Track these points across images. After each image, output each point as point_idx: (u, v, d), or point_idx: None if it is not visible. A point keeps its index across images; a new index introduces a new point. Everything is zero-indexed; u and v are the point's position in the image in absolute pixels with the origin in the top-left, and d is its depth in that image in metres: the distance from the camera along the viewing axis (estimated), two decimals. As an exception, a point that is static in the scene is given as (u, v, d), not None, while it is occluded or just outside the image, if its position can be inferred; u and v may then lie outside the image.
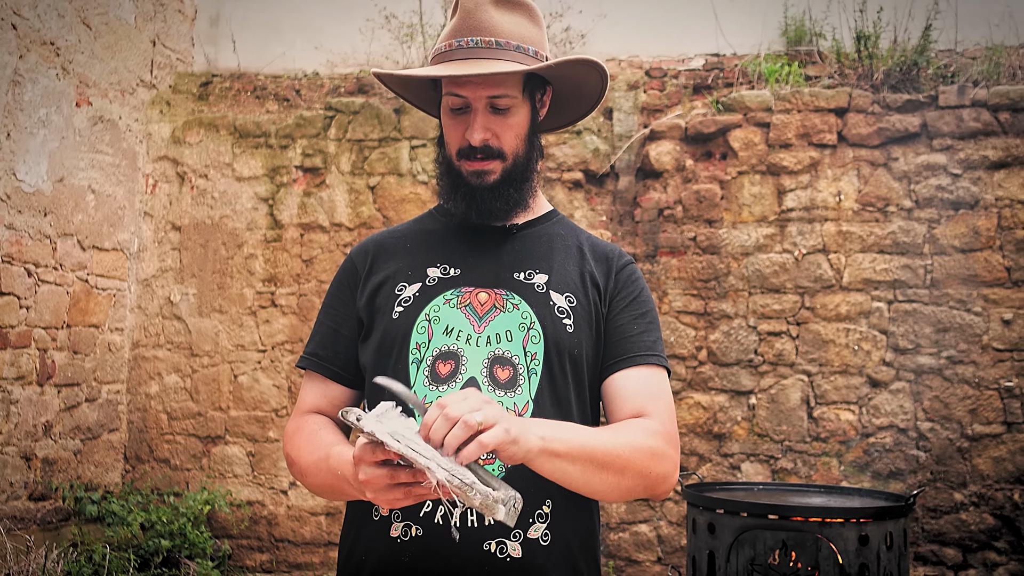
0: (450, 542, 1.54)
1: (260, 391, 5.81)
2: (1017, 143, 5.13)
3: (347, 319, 1.78)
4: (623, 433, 1.59)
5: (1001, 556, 4.98)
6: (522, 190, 1.75)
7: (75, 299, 5.46)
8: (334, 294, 1.82)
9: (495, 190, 1.71)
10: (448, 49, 1.69)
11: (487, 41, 1.67)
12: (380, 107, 5.87)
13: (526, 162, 1.74)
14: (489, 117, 1.68)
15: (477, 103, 1.67)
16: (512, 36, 1.69)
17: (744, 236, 5.36)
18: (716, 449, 5.32)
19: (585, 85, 1.79)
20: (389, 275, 1.75)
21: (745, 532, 2.62)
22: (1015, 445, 5.01)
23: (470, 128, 1.68)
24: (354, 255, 1.84)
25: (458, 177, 1.72)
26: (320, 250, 5.83)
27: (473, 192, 1.71)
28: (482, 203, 1.71)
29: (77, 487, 5.39)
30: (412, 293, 1.71)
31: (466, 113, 1.69)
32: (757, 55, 5.71)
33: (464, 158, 1.70)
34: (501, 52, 1.67)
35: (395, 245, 1.81)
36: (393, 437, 1.32)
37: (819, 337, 5.25)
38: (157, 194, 6.06)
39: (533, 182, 1.78)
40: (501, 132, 1.69)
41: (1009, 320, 5.07)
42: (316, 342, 1.81)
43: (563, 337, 1.66)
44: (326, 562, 5.66)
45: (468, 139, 1.68)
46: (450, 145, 1.73)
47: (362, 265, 1.80)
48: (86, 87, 5.53)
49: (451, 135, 1.72)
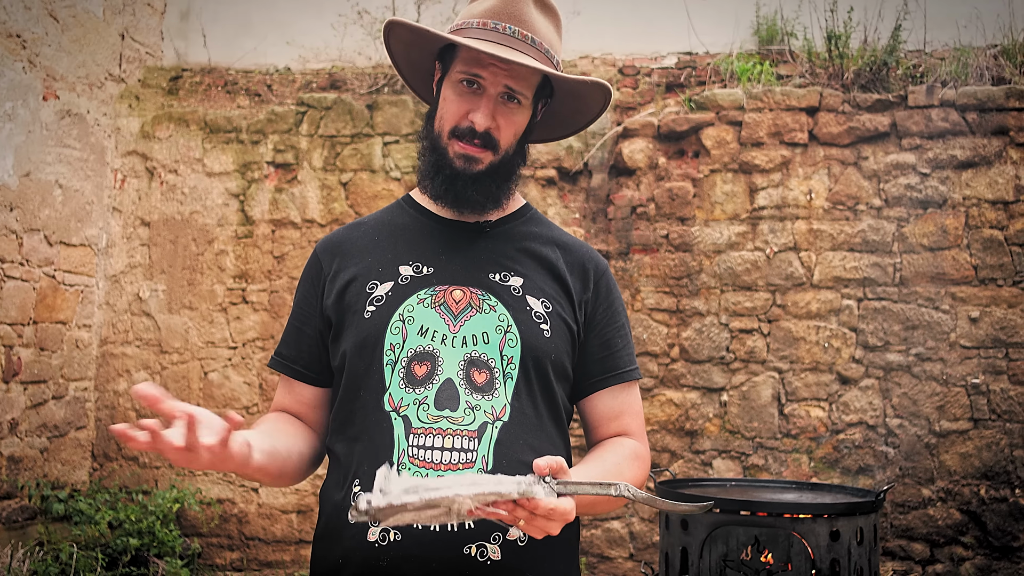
0: (429, 546, 1.53)
1: (231, 388, 5.76)
2: (984, 143, 5.20)
3: (311, 317, 1.75)
4: (627, 466, 1.66)
5: (968, 551, 5.04)
6: (501, 188, 1.72)
7: (42, 295, 5.39)
8: (300, 291, 1.80)
9: (478, 180, 1.68)
10: (482, 27, 1.66)
11: (524, 34, 1.66)
12: (353, 103, 5.84)
13: (512, 161, 1.73)
14: (498, 107, 1.66)
15: (493, 88, 1.65)
16: (544, 37, 1.69)
17: (716, 234, 5.39)
18: (688, 446, 5.34)
19: (584, 109, 1.80)
20: (358, 272, 1.72)
21: (718, 528, 2.64)
22: (982, 441, 5.08)
23: (478, 110, 1.65)
24: (319, 251, 1.80)
25: (443, 157, 1.69)
26: (292, 246, 5.79)
27: (455, 176, 1.68)
28: (461, 190, 1.68)
29: (44, 485, 5.32)
30: (384, 292, 1.68)
31: (476, 94, 1.66)
32: (729, 54, 5.74)
33: (457, 137, 1.67)
34: (533, 51, 1.67)
35: (363, 240, 1.78)
36: (408, 491, 1.30)
37: (790, 334, 5.29)
38: (126, 189, 5.99)
39: (513, 183, 1.76)
40: (504, 125, 1.67)
41: (976, 318, 5.13)
42: (283, 341, 1.79)
43: (540, 342, 1.66)
44: (297, 560, 5.63)
45: (472, 120, 1.65)
46: (445, 120, 1.69)
47: (328, 262, 1.76)
48: (53, 80, 5.45)
49: (451, 110, 1.68)
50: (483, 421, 1.59)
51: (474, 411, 1.59)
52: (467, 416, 1.59)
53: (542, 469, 1.35)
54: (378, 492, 1.30)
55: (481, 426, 1.59)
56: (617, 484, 1.39)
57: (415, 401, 1.60)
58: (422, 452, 1.56)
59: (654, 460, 5.33)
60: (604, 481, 1.41)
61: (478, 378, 1.62)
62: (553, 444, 1.67)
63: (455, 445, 1.57)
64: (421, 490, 1.30)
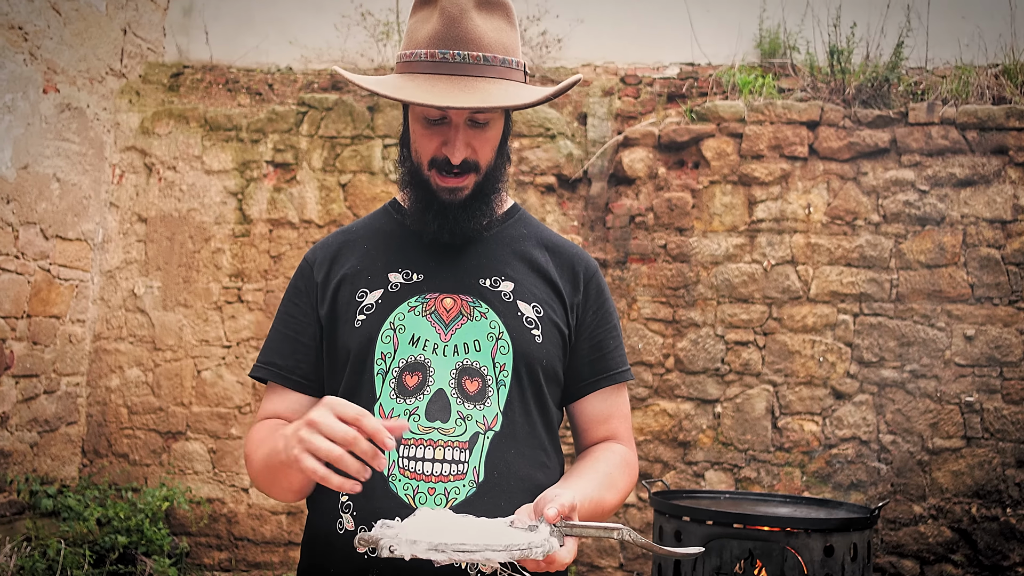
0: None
1: (224, 387, 5.74)
2: (983, 162, 5.21)
3: (307, 326, 1.72)
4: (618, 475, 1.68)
5: (958, 569, 5.04)
6: (491, 202, 1.70)
7: (36, 289, 5.36)
8: (291, 301, 1.75)
9: (468, 207, 1.66)
10: (430, 59, 1.57)
11: (475, 56, 1.57)
12: (354, 104, 5.84)
13: (498, 172, 1.70)
14: (468, 132, 1.62)
15: (459, 118, 1.60)
16: (496, 48, 1.60)
17: (714, 245, 5.39)
18: (681, 457, 5.33)
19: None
20: (348, 280, 1.70)
21: (712, 541, 2.63)
22: (974, 459, 5.08)
23: (450, 144, 1.60)
24: (309, 260, 1.77)
25: (427, 190, 1.66)
26: (289, 247, 5.77)
27: (445, 210, 1.65)
28: (455, 222, 1.65)
29: (33, 480, 5.29)
30: (374, 300, 1.66)
31: (443, 124, 1.62)
32: (731, 66, 5.75)
33: (436, 169, 1.64)
34: (488, 69, 1.58)
35: (351, 247, 1.75)
36: (437, 550, 1.29)
37: (785, 348, 5.29)
38: (124, 185, 5.97)
39: (501, 191, 1.74)
40: (479, 146, 1.64)
41: (971, 336, 5.14)
42: (273, 351, 1.73)
43: (532, 348, 1.65)
44: (286, 562, 5.60)
45: (447, 154, 1.61)
46: (420, 154, 1.65)
47: (319, 270, 1.74)
48: (54, 73, 5.43)
49: (424, 145, 1.64)
50: (474, 431, 1.59)
51: (465, 421, 1.58)
52: (458, 427, 1.58)
53: (554, 519, 1.36)
54: (406, 542, 1.29)
55: (472, 437, 1.58)
56: (620, 528, 1.41)
57: (406, 412, 1.59)
58: (413, 463, 1.55)
59: (646, 470, 5.32)
60: (608, 525, 1.44)
61: (470, 386, 1.61)
62: (545, 453, 1.67)
63: (446, 456, 1.56)
64: (449, 549, 1.29)
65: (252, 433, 1.68)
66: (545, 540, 1.34)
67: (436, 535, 1.31)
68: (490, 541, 1.31)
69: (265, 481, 1.60)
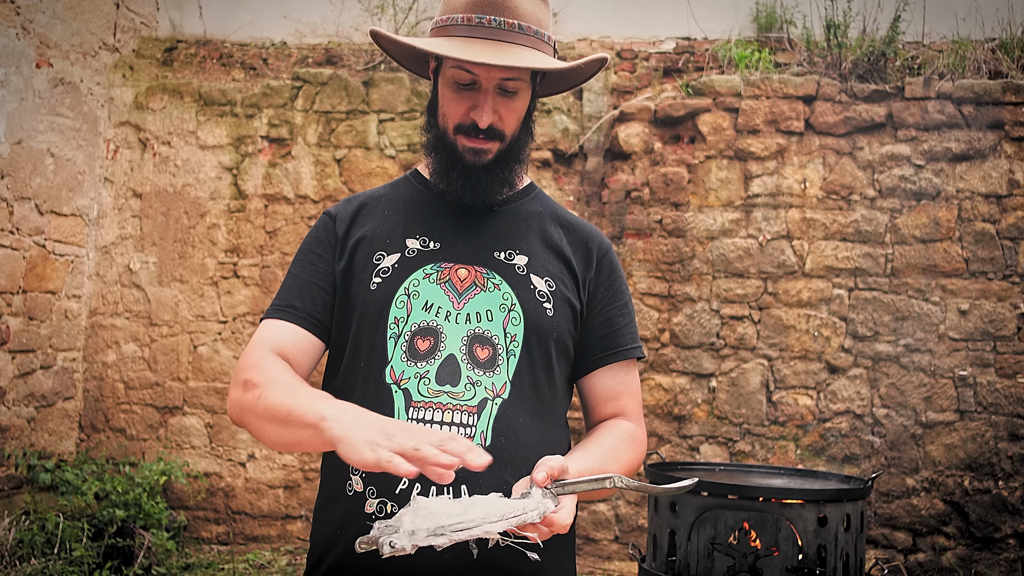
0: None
1: (220, 362, 5.75)
2: (979, 136, 5.21)
3: (327, 275, 1.72)
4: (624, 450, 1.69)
5: (950, 541, 5.09)
6: (514, 171, 1.73)
7: (31, 264, 5.36)
8: (311, 251, 1.75)
9: (491, 170, 1.69)
10: (467, 23, 1.63)
11: (510, 24, 1.63)
12: (348, 79, 5.81)
13: (521, 144, 1.73)
14: (497, 99, 1.65)
15: (488, 84, 1.63)
16: (531, 19, 1.65)
17: (710, 220, 5.39)
18: (676, 430, 5.36)
19: (580, 72, 1.79)
20: (366, 241, 1.71)
21: (706, 512, 2.65)
22: (967, 433, 5.12)
23: (478, 108, 1.64)
24: (332, 214, 1.78)
25: (453, 152, 1.68)
26: (284, 222, 5.77)
27: (469, 171, 1.68)
28: (478, 183, 1.68)
29: (30, 455, 5.31)
30: (391, 264, 1.68)
31: (472, 90, 1.65)
32: (728, 40, 5.73)
33: (463, 134, 1.67)
34: (522, 37, 1.64)
35: (371, 210, 1.77)
36: (436, 534, 1.32)
37: (780, 322, 5.31)
38: (118, 160, 5.95)
39: (524, 162, 1.76)
40: (506, 115, 1.67)
41: (965, 310, 5.16)
42: (292, 294, 1.71)
43: (543, 321, 1.67)
44: (283, 535, 5.64)
45: (475, 119, 1.64)
46: (448, 118, 1.68)
47: (340, 225, 1.75)
48: (47, 48, 5.40)
49: (452, 109, 1.67)
50: (483, 397, 1.61)
51: (475, 387, 1.60)
52: (467, 392, 1.60)
53: (542, 482, 1.41)
54: (404, 534, 1.32)
55: (481, 402, 1.60)
56: (611, 477, 1.46)
57: (416, 375, 1.60)
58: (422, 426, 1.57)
59: (642, 444, 5.35)
60: (597, 476, 1.47)
61: (481, 354, 1.63)
62: (552, 425, 1.68)
63: (455, 420, 1.58)
64: (448, 531, 1.31)
65: (267, 364, 1.61)
66: (539, 503, 1.36)
67: (432, 520, 1.33)
68: (486, 514, 1.34)
69: (271, 422, 1.54)
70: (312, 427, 1.42)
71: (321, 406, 1.45)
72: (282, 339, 1.67)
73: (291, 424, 1.48)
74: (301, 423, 1.45)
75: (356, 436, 1.36)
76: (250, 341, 1.70)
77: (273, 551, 5.48)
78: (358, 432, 1.37)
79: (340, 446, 1.36)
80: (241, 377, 1.61)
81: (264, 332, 1.68)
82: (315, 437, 1.43)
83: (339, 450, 1.37)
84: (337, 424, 1.39)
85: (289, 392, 1.53)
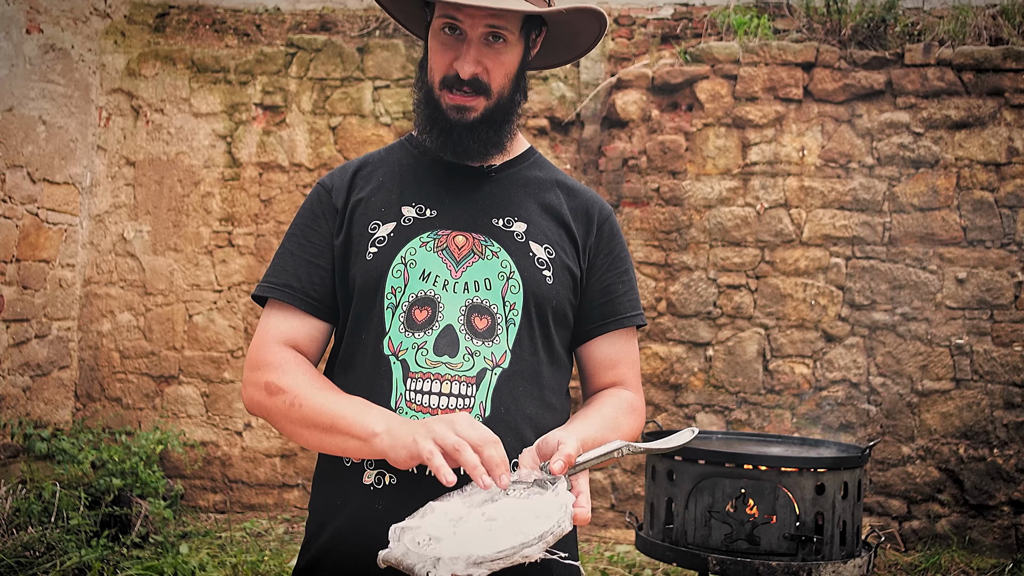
0: (424, 490, 1.52)
1: (215, 331, 5.73)
2: (979, 104, 5.17)
3: (324, 250, 1.68)
4: (624, 420, 1.69)
5: (944, 508, 5.12)
6: (501, 131, 1.68)
7: (25, 233, 5.32)
8: (306, 225, 1.71)
9: (473, 129, 1.64)
10: None
11: None
12: (343, 45, 5.75)
13: (509, 103, 1.67)
14: (482, 50, 1.60)
15: (473, 32, 1.59)
16: None
17: (707, 189, 5.36)
18: (672, 399, 5.37)
19: (581, 32, 1.73)
20: (361, 210, 1.68)
21: (704, 480, 2.65)
22: (963, 401, 5.13)
23: (461, 58, 1.59)
24: (326, 185, 1.74)
25: (436, 109, 1.64)
26: (279, 190, 5.73)
27: (451, 128, 1.63)
28: (458, 141, 1.64)
29: (26, 424, 5.30)
30: (387, 233, 1.65)
31: (459, 40, 1.61)
32: (726, 6, 5.67)
33: (447, 88, 1.62)
34: None
35: (366, 177, 1.73)
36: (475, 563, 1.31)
37: (777, 291, 5.30)
38: (111, 128, 5.90)
39: (513, 124, 1.71)
40: (492, 67, 1.62)
41: (963, 279, 5.15)
42: (288, 273, 1.68)
43: (543, 289, 1.64)
44: (280, 504, 5.65)
45: (457, 69, 1.60)
46: (434, 71, 1.64)
47: (337, 196, 1.71)
48: (37, 13, 5.33)
49: (438, 60, 1.63)
50: (482, 367, 1.59)
51: (473, 357, 1.58)
52: (466, 362, 1.58)
53: (561, 470, 1.42)
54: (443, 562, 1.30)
55: (480, 372, 1.58)
56: (620, 447, 1.48)
57: (414, 345, 1.58)
58: (419, 397, 1.56)
59: (638, 413, 5.36)
60: (607, 449, 1.48)
61: (479, 323, 1.61)
62: (552, 393, 1.67)
63: (453, 391, 1.56)
64: (487, 561, 1.30)
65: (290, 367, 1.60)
66: (564, 506, 1.37)
67: (463, 543, 1.33)
68: (520, 531, 1.34)
69: (309, 428, 1.56)
70: (362, 440, 1.49)
71: (370, 420, 1.50)
72: (291, 329, 1.65)
73: (336, 433, 1.53)
74: (348, 434, 1.51)
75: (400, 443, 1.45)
76: (257, 331, 1.67)
77: (270, 519, 5.50)
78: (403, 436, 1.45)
79: (389, 455, 1.45)
80: (261, 379, 1.60)
81: (271, 322, 1.66)
82: (363, 448, 1.50)
83: (388, 458, 1.46)
84: (387, 437, 1.46)
85: (328, 399, 1.56)
